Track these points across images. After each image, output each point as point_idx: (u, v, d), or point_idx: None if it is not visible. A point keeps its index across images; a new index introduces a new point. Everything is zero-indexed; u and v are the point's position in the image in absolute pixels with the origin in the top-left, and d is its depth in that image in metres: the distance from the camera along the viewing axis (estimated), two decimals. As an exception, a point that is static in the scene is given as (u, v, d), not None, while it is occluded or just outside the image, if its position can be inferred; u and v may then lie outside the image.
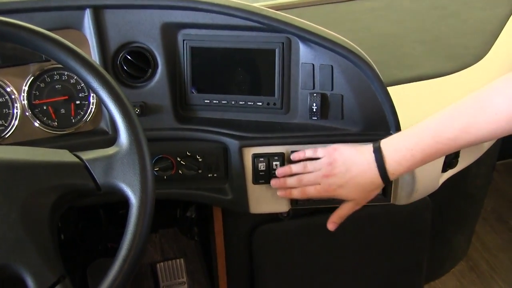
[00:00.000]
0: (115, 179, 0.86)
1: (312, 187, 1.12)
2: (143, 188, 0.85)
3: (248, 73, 1.18)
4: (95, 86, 0.87)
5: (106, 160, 0.87)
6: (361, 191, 1.10)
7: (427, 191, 1.28)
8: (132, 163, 0.86)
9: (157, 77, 1.16)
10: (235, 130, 1.18)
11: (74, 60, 0.87)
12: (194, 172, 1.21)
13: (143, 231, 0.84)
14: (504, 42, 1.39)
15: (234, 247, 1.47)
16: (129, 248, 0.83)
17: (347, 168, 1.08)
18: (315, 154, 1.13)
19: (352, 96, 1.15)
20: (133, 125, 0.87)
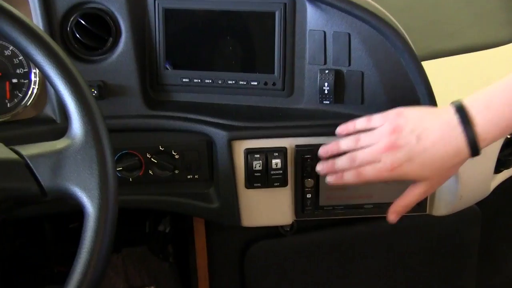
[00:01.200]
0: (66, 182, 0.87)
1: (369, 166, 1.08)
2: (102, 192, 0.86)
3: (239, 43, 1.21)
4: (38, 58, 0.88)
5: (53, 157, 0.88)
6: (438, 167, 1.04)
7: (475, 198, 1.30)
8: (89, 160, 0.87)
9: (119, 48, 1.18)
10: (223, 117, 1.21)
11: (9, 23, 0.87)
12: (168, 172, 1.23)
13: (102, 248, 0.85)
14: None
15: (221, 271, 1.50)
16: (85, 272, 0.84)
17: (417, 136, 1.03)
18: (370, 123, 1.09)
19: (375, 73, 1.18)
20: (89, 110, 0.88)
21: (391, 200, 1.24)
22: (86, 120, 0.87)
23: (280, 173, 1.22)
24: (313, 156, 1.21)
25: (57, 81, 0.88)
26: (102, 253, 0.85)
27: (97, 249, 0.85)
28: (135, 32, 1.18)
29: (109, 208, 0.86)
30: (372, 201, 1.28)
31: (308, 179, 1.24)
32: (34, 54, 0.88)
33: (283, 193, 1.25)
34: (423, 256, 1.51)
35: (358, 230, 1.45)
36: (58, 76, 0.87)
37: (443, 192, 1.26)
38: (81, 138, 0.87)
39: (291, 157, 1.22)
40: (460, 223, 1.46)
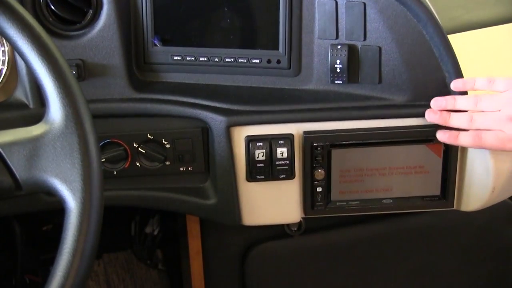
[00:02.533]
0: (44, 173, 0.89)
1: (491, 133, 1.11)
2: (86, 184, 0.87)
3: (239, 15, 1.22)
4: (9, 32, 0.89)
5: (29, 145, 0.89)
6: None
7: (511, 190, 1.31)
8: (69, 148, 0.88)
9: (101, 22, 1.20)
10: (220, 101, 1.22)
11: None
12: (158, 164, 1.25)
13: (86, 249, 0.87)
14: None
15: (218, 278, 1.51)
16: (66, 275, 0.86)
17: None
18: (492, 86, 1.12)
19: (394, 48, 1.19)
20: (70, 91, 0.89)
21: (413, 195, 1.28)
22: (66, 102, 0.88)
23: (286, 163, 1.23)
24: (323, 144, 1.23)
25: (32, 58, 0.88)
26: (86, 254, 0.87)
27: (80, 250, 0.86)
28: (119, 3, 1.19)
29: (93, 203, 0.87)
30: (391, 196, 1.29)
31: (318, 170, 1.25)
32: (5, 27, 0.88)
33: (289, 186, 1.27)
34: (452, 261, 1.52)
35: (375, 230, 1.46)
36: (34, 52, 0.88)
37: (473, 184, 1.27)
38: (61, 123, 0.88)
39: (298, 145, 1.23)
40: (494, 221, 1.47)
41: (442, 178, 1.27)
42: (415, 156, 1.26)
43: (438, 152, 1.25)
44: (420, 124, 1.23)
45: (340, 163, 1.26)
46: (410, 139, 1.24)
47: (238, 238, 1.45)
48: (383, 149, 1.25)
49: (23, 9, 0.89)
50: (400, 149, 1.25)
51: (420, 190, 1.29)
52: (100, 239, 0.90)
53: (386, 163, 1.27)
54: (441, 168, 1.27)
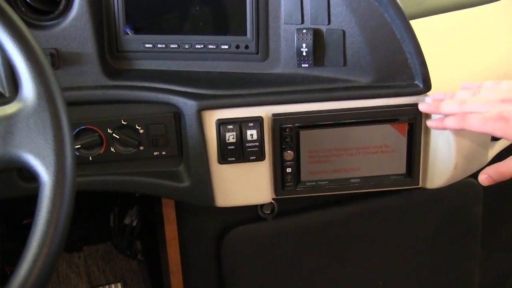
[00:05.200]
0: (18, 149, 0.90)
1: (476, 115, 1.12)
2: (58, 159, 0.89)
3: (208, 2, 1.23)
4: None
5: (3, 123, 0.91)
6: None
7: (472, 167, 1.34)
8: (42, 124, 0.90)
9: (73, 11, 1.20)
10: (191, 86, 1.24)
11: None
12: (132, 149, 1.26)
13: (60, 220, 0.89)
14: None
15: (194, 262, 1.52)
16: (41, 245, 0.88)
17: None
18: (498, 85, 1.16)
19: (358, 32, 1.21)
20: (41, 70, 0.91)
21: (380, 174, 1.30)
22: (38, 81, 0.89)
23: (256, 145, 1.24)
24: (292, 126, 1.24)
25: (5, 40, 0.89)
26: (60, 225, 0.88)
27: (54, 220, 0.88)
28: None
29: (66, 175, 0.89)
30: (359, 175, 1.31)
31: (287, 151, 1.26)
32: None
33: (260, 168, 1.28)
34: (421, 239, 1.53)
35: (347, 211, 1.46)
36: (4, 33, 0.89)
37: (437, 161, 1.29)
38: (33, 101, 0.90)
39: (268, 128, 1.25)
40: (459, 200, 1.48)
41: (407, 157, 1.29)
42: (381, 136, 1.28)
43: (403, 131, 1.27)
44: (385, 104, 1.25)
45: (309, 144, 1.27)
46: (375, 119, 1.26)
47: (213, 222, 1.45)
48: (350, 129, 1.26)
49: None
50: (366, 129, 1.27)
51: (386, 169, 1.31)
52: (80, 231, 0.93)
53: (353, 143, 1.28)
54: (405, 147, 1.29)
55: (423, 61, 1.22)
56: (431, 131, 1.28)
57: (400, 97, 1.25)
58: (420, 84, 1.23)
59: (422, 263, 1.57)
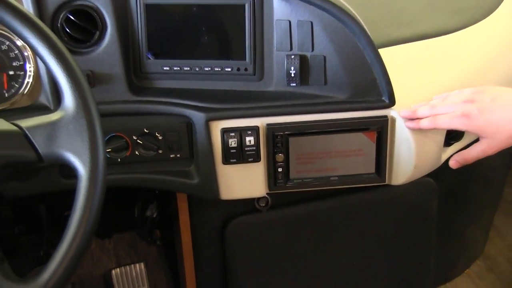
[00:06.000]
0: (60, 148, 0.91)
1: (444, 115, 1.15)
2: (93, 156, 0.90)
3: (214, 33, 1.23)
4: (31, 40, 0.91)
5: (49, 127, 0.91)
6: (500, 130, 1.10)
7: (428, 167, 1.34)
8: (79, 129, 0.91)
9: (106, 40, 1.20)
10: (200, 101, 1.23)
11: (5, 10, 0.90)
12: (153, 152, 1.25)
13: (94, 205, 0.89)
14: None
15: (203, 246, 1.51)
16: (79, 225, 0.88)
17: (493, 97, 1.11)
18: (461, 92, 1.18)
19: (336, 57, 1.21)
20: (79, 85, 0.92)
21: (354, 172, 1.30)
22: (76, 94, 0.91)
23: (253, 149, 1.24)
24: (282, 134, 1.24)
25: (51, 61, 0.91)
26: (94, 209, 0.89)
27: (89, 206, 0.88)
28: (119, 26, 1.20)
29: (98, 170, 0.89)
30: (337, 174, 1.30)
31: (279, 154, 1.26)
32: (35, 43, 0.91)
33: (256, 167, 1.27)
34: (387, 228, 1.52)
35: (328, 204, 1.45)
36: (52, 57, 0.91)
37: (400, 163, 1.29)
38: (73, 110, 0.91)
39: (263, 135, 1.24)
40: (419, 197, 1.48)
41: (376, 159, 1.29)
42: (354, 142, 1.27)
43: (372, 138, 1.27)
44: (358, 116, 1.25)
45: (296, 149, 1.26)
46: (350, 128, 1.25)
47: (218, 213, 1.44)
48: (330, 136, 1.26)
49: (45, 26, 0.92)
50: (342, 136, 1.26)
51: (359, 169, 1.30)
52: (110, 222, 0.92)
53: (332, 148, 1.27)
54: (375, 151, 1.28)
55: (389, 81, 1.22)
56: (395, 139, 1.27)
57: (370, 110, 1.25)
58: (387, 99, 1.23)
59: (388, 247, 1.57)
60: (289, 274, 1.55)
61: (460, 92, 1.18)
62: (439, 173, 1.38)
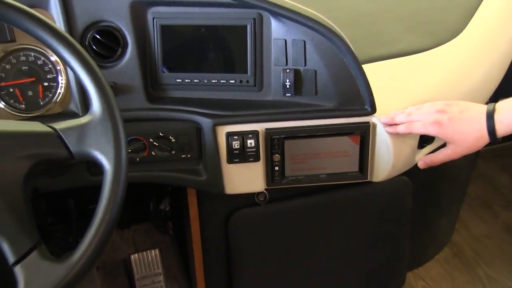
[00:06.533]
0: (89, 147, 0.91)
1: (419, 122, 1.17)
2: (116, 154, 0.90)
3: (220, 50, 1.23)
4: (66, 56, 0.92)
5: (79, 129, 0.92)
6: (464, 138, 1.13)
7: (404, 166, 1.34)
8: (105, 131, 0.91)
9: (127, 56, 1.21)
10: (208, 108, 1.23)
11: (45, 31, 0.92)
12: (167, 153, 1.25)
13: (118, 195, 0.90)
14: (481, 18, 1.46)
15: (210, 235, 1.50)
16: (105, 212, 0.89)
17: (461, 110, 1.14)
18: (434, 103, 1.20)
19: (325, 71, 1.21)
20: (105, 93, 0.92)
21: (340, 171, 1.30)
22: (103, 101, 0.91)
23: (253, 150, 1.24)
24: (279, 137, 1.24)
25: (81, 73, 0.92)
26: (118, 198, 0.89)
27: (113, 195, 0.89)
28: (139, 44, 1.20)
29: (121, 166, 0.90)
30: (325, 172, 1.30)
31: (275, 155, 1.26)
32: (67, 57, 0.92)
33: (256, 166, 1.27)
34: (368, 219, 1.52)
35: (317, 200, 1.45)
36: (82, 69, 0.92)
37: (380, 162, 1.29)
38: (100, 114, 0.91)
39: (262, 138, 1.24)
40: (396, 192, 1.48)
41: (359, 159, 1.29)
42: (341, 144, 1.27)
43: (356, 141, 1.27)
44: (344, 122, 1.25)
45: (291, 150, 1.26)
46: (337, 133, 1.25)
47: (223, 206, 1.43)
48: (319, 140, 1.26)
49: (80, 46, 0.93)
50: (331, 139, 1.26)
51: (345, 168, 1.30)
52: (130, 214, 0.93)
53: (321, 150, 1.27)
54: (358, 152, 1.28)
55: (371, 92, 1.22)
56: (376, 141, 1.27)
57: (354, 117, 1.25)
58: (369, 108, 1.23)
59: (369, 236, 1.56)
60: (285, 259, 1.54)
61: (433, 104, 1.19)
62: (413, 172, 1.38)
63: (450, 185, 1.72)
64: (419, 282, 1.76)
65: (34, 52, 1.18)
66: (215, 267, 1.56)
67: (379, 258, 1.63)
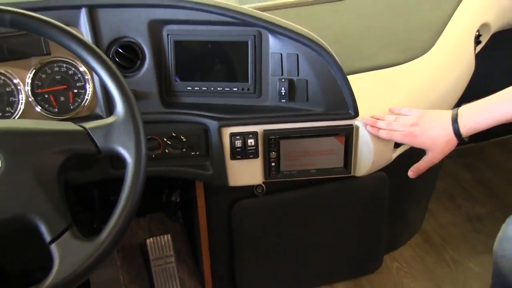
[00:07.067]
0: (113, 144, 0.92)
1: (398, 132, 1.19)
2: (137, 150, 0.91)
3: (225, 62, 1.23)
4: (96, 66, 0.93)
5: (105, 128, 0.92)
6: (436, 143, 1.14)
7: (382, 163, 1.34)
8: (128, 130, 0.91)
9: (145, 67, 1.20)
10: (215, 112, 1.23)
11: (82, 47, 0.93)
12: (179, 151, 1.25)
13: (138, 185, 0.90)
14: (447, 37, 1.46)
15: (215, 222, 1.50)
16: (127, 199, 0.89)
17: (431, 119, 1.15)
18: (410, 112, 1.21)
19: (315, 81, 1.21)
20: (128, 98, 0.93)
21: (327, 167, 1.30)
22: (126, 104, 0.91)
23: (253, 149, 1.24)
24: (275, 137, 1.24)
25: (108, 80, 0.92)
26: (138, 187, 0.90)
27: (134, 184, 0.89)
28: (155, 57, 1.20)
29: (141, 159, 0.90)
30: (315, 167, 1.30)
31: (272, 152, 1.26)
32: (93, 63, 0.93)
33: (255, 162, 1.27)
34: (351, 209, 1.52)
35: (308, 192, 1.45)
36: (109, 77, 0.92)
37: (362, 159, 1.29)
38: (123, 116, 0.91)
39: (260, 138, 1.24)
40: (375, 186, 1.48)
41: (344, 156, 1.29)
42: (328, 144, 1.27)
43: (341, 141, 1.27)
44: (331, 125, 1.25)
45: (285, 148, 1.27)
46: (325, 133, 1.26)
47: (226, 197, 1.43)
48: (310, 139, 1.26)
49: (107, 58, 0.94)
50: (319, 139, 1.27)
51: (332, 164, 1.30)
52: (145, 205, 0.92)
53: (311, 148, 1.28)
54: (343, 151, 1.28)
55: (354, 99, 1.22)
56: (359, 141, 1.27)
57: (340, 120, 1.25)
58: (352, 112, 1.23)
59: (352, 223, 1.57)
60: (280, 243, 1.55)
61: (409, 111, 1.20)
62: (390, 168, 1.39)
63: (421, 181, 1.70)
64: (394, 264, 1.76)
65: (66, 63, 1.18)
66: (219, 250, 1.56)
67: (360, 242, 1.63)
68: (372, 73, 1.35)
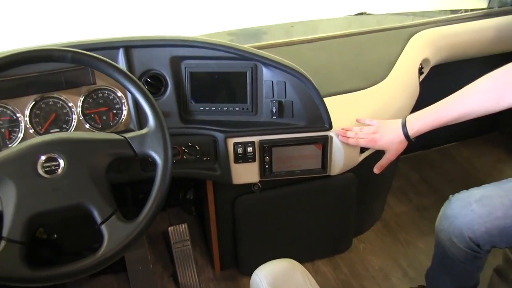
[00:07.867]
0: (147, 149, 0.94)
1: (363, 139, 1.21)
2: (165, 153, 0.93)
3: (229, 88, 1.24)
4: (134, 91, 0.96)
5: (140, 137, 0.95)
6: (392, 143, 1.17)
7: (351, 164, 1.35)
8: (158, 138, 0.94)
9: (167, 93, 1.21)
10: (221, 127, 1.24)
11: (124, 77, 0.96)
12: (194, 157, 1.26)
13: (166, 180, 0.92)
14: (397, 69, 1.49)
15: (222, 214, 1.50)
16: (157, 192, 0.91)
17: (387, 127, 1.18)
18: (371, 122, 1.23)
19: (299, 101, 1.23)
20: (158, 114, 0.95)
21: (309, 168, 1.29)
22: (156, 119, 0.94)
23: (251, 154, 1.25)
24: (268, 145, 1.25)
25: (143, 101, 0.95)
26: (167, 182, 0.92)
27: (163, 180, 0.91)
28: (175, 84, 1.21)
29: (168, 161, 0.92)
30: (299, 168, 1.31)
31: (266, 157, 1.27)
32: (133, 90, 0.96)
33: (253, 165, 1.28)
34: (327, 202, 1.51)
35: (294, 188, 1.44)
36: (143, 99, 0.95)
37: (335, 162, 1.30)
38: (154, 128, 0.94)
39: (257, 146, 1.25)
40: (346, 183, 1.47)
41: (322, 160, 1.30)
42: (309, 150, 1.28)
43: (319, 148, 1.28)
44: (311, 135, 1.26)
45: (276, 154, 1.28)
46: (307, 142, 1.27)
47: (230, 193, 1.43)
48: (295, 147, 1.27)
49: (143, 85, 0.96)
50: (302, 147, 1.28)
51: (312, 166, 1.31)
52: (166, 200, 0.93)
53: (296, 153, 1.28)
54: (321, 155, 1.29)
55: (328, 116, 1.23)
56: (333, 148, 1.28)
57: (318, 132, 1.26)
58: (327, 126, 1.25)
59: (328, 213, 1.56)
60: (273, 229, 1.54)
61: (371, 121, 1.22)
62: (357, 169, 1.40)
63: (381, 180, 1.73)
64: (360, 244, 1.77)
65: (107, 90, 1.19)
66: (225, 235, 1.56)
67: (335, 227, 1.63)
68: (341, 96, 1.36)
